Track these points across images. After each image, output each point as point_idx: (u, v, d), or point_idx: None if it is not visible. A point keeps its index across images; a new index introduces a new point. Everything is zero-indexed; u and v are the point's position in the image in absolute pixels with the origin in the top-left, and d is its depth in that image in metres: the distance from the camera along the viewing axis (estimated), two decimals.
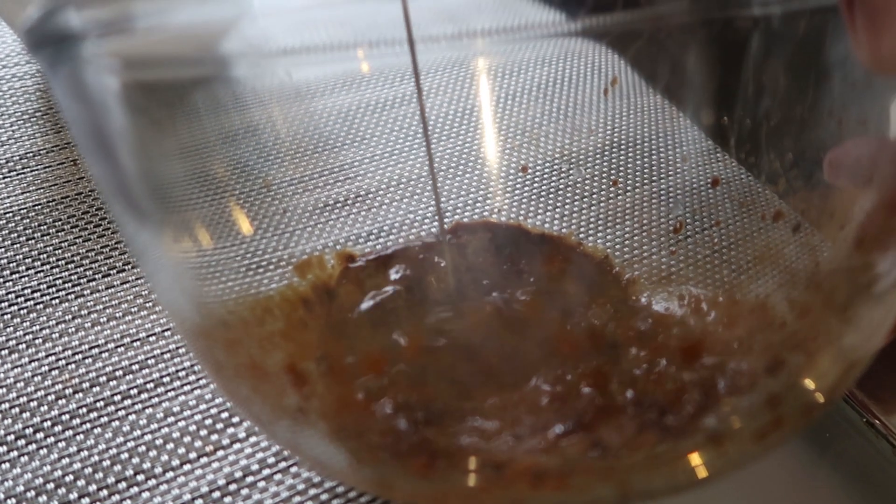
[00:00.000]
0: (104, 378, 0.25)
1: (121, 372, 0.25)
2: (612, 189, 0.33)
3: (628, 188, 0.33)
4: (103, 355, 0.25)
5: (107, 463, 0.23)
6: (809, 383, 0.21)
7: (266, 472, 0.23)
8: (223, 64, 0.18)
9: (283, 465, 0.23)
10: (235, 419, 0.24)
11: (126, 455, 0.23)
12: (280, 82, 0.30)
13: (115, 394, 0.24)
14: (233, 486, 0.22)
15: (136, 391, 0.24)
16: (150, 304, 0.27)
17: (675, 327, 0.25)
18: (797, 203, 0.26)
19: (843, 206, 0.24)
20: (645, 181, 0.33)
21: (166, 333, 0.26)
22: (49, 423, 0.23)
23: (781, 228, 0.27)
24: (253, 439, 0.23)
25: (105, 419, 0.24)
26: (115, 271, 0.27)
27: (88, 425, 0.24)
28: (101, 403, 0.24)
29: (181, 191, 0.24)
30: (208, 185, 0.27)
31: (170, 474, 0.22)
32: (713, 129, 0.30)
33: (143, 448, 0.23)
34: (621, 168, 0.34)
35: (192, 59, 0.18)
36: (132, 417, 0.24)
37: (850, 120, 0.24)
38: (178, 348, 0.25)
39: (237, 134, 0.30)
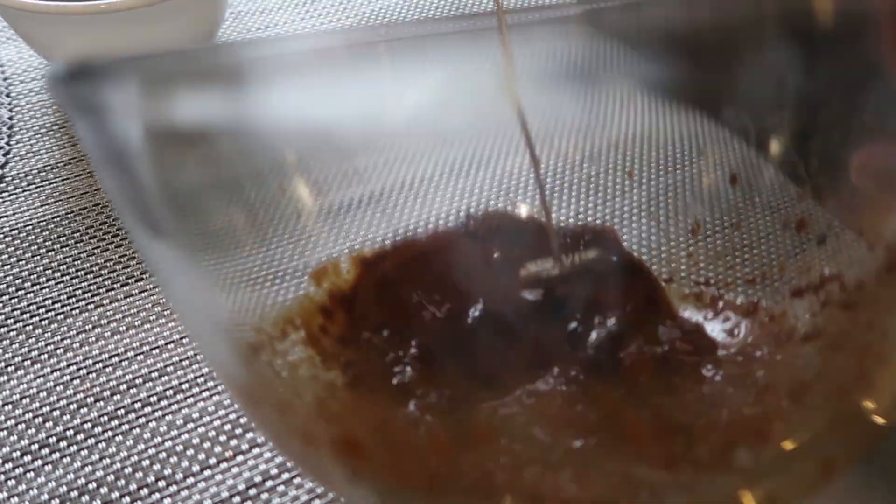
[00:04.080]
0: (124, 386, 0.25)
1: (140, 380, 0.25)
2: (627, 182, 0.33)
3: (643, 180, 0.33)
4: (123, 363, 0.25)
5: (129, 470, 0.23)
6: (868, 405, 0.20)
7: (285, 476, 0.23)
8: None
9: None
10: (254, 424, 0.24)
11: (147, 462, 0.23)
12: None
13: (136, 401, 0.24)
14: (253, 491, 0.22)
15: (155, 398, 0.25)
16: (168, 311, 0.27)
17: (711, 354, 0.25)
18: (831, 209, 0.26)
19: (874, 216, 0.23)
20: (661, 172, 0.33)
21: (184, 341, 0.26)
22: (71, 431, 0.24)
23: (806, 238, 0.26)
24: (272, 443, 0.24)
25: (126, 427, 0.24)
26: (132, 280, 0.28)
27: (110, 433, 0.24)
28: (122, 411, 0.24)
29: (197, 202, 0.24)
30: (222, 194, 0.27)
31: (190, 480, 0.23)
32: (736, 130, 0.30)
33: (164, 455, 0.23)
34: (636, 160, 0.34)
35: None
36: (152, 424, 0.24)
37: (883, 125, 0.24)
38: (195, 355, 0.26)
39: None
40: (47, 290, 0.27)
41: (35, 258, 0.28)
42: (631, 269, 0.28)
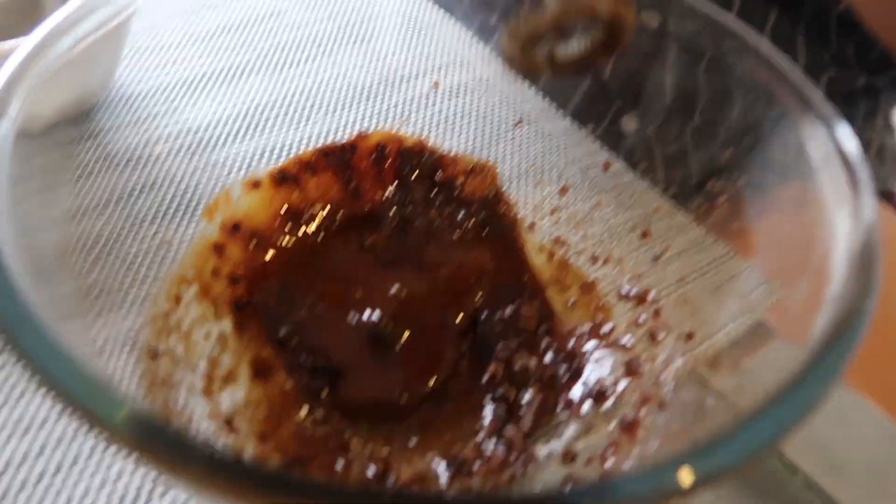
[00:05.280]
0: (0, 467, 0.23)
1: (19, 458, 0.24)
2: (515, 128, 0.35)
3: (530, 129, 0.34)
4: None
5: None
6: None
7: None
8: None
9: None
10: (141, 500, 0.23)
11: None
12: None
13: (12, 485, 0.23)
14: None
15: (35, 478, 0.23)
16: None
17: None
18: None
19: None
20: (548, 122, 0.35)
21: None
22: None
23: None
24: None
25: None
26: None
27: None
28: None
29: None
30: None
31: None
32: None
33: None
34: (526, 109, 0.35)
35: None
36: None
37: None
38: (76, 431, 0.24)
39: None
40: None
41: None
42: (498, 209, 0.30)
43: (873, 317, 0.19)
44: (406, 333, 0.26)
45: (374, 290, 0.26)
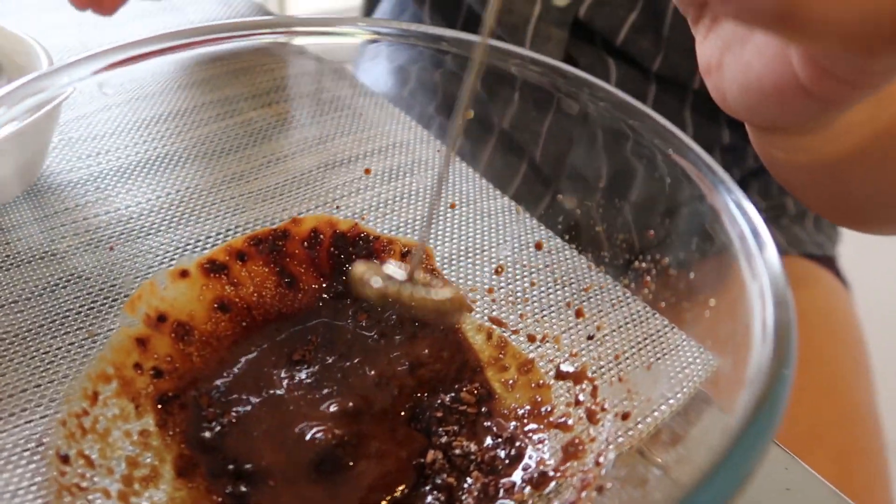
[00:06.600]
0: None
1: None
2: (448, 210, 0.35)
3: (463, 210, 0.35)
4: None
5: None
6: None
7: None
8: None
9: None
10: None
11: None
12: None
13: None
14: None
15: None
16: None
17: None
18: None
19: None
20: (481, 200, 0.35)
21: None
22: None
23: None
24: None
25: None
26: None
27: None
28: None
29: None
30: None
31: None
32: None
33: None
34: (461, 192, 0.36)
35: None
36: None
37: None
38: None
39: None
40: None
41: None
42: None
43: (815, 387, 0.19)
44: (351, 455, 0.24)
45: (310, 402, 0.26)
